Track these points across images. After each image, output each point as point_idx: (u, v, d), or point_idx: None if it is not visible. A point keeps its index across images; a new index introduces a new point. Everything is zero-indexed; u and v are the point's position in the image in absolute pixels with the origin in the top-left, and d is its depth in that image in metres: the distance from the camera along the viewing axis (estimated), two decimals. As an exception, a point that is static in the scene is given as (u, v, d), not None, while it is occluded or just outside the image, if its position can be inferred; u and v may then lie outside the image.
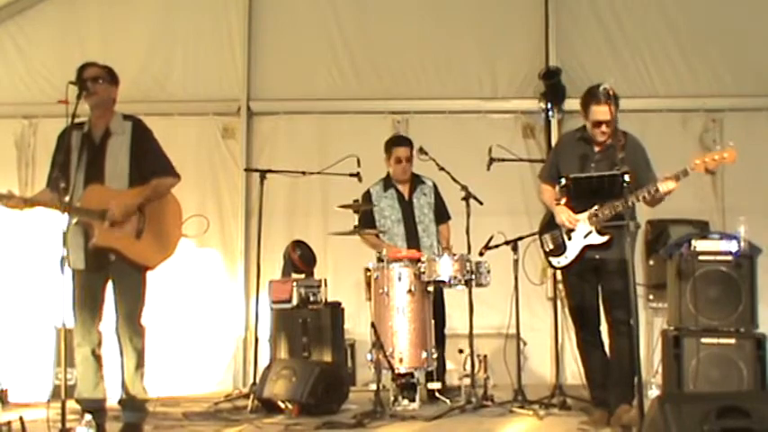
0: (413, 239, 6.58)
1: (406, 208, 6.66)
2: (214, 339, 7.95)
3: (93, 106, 5.00)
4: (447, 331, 6.62)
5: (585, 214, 5.19)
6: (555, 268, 5.45)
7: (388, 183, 6.75)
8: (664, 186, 4.93)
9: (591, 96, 5.18)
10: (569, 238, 5.25)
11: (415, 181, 6.71)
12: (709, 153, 4.99)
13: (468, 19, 8.22)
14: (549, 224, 5.40)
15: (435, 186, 6.71)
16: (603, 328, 5.36)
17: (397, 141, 6.86)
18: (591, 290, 5.31)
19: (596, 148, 5.28)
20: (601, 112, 5.09)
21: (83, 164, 4.90)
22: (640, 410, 4.33)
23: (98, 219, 4.83)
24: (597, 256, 5.19)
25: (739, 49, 7.97)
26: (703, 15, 8.02)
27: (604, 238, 5.11)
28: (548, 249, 5.41)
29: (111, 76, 5.08)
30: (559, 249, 5.31)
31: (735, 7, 7.98)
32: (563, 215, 5.24)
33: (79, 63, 5.09)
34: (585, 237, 5.19)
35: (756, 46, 7.94)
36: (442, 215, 6.75)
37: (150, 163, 5.03)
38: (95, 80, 4.96)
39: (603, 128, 5.15)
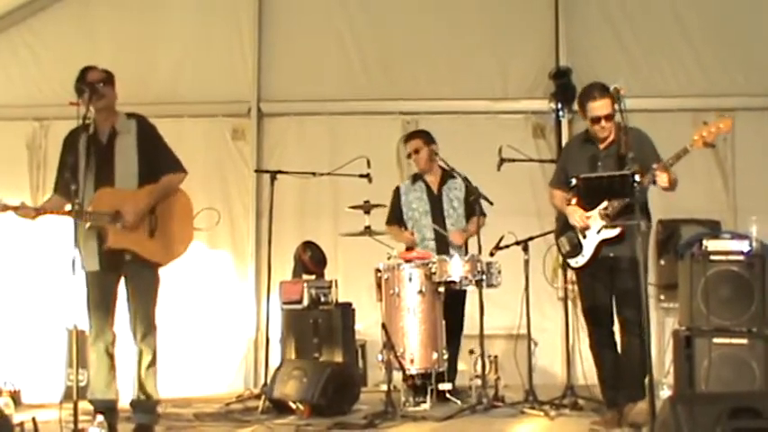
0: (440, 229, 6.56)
1: (435, 201, 6.64)
2: (225, 340, 7.96)
3: (102, 109, 5.02)
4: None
5: (596, 210, 5.19)
6: (574, 269, 5.44)
7: (416, 177, 6.78)
8: (660, 181, 4.93)
9: (585, 95, 5.23)
10: (584, 237, 5.25)
11: (445, 176, 6.66)
12: (706, 126, 4.95)
13: (478, 19, 8.22)
14: (564, 227, 5.39)
15: (467, 181, 6.49)
16: (617, 328, 5.34)
17: (406, 137, 6.98)
18: (604, 290, 5.30)
19: (602, 146, 5.28)
20: (596, 107, 5.13)
21: (92, 166, 4.93)
22: (652, 411, 4.32)
23: (110, 221, 4.86)
24: (611, 254, 5.18)
25: (751, 48, 7.93)
26: (714, 13, 7.98)
27: (617, 231, 5.10)
28: (565, 252, 5.40)
29: (111, 78, 5.10)
30: (576, 250, 5.30)
31: (746, 5, 7.95)
32: (576, 215, 5.24)
33: (91, 65, 5.11)
34: (599, 232, 5.18)
35: (768, 45, 7.92)
36: (472, 209, 6.47)
37: (159, 160, 5.07)
38: (103, 83, 5.00)
39: (603, 123, 5.15)
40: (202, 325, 7.89)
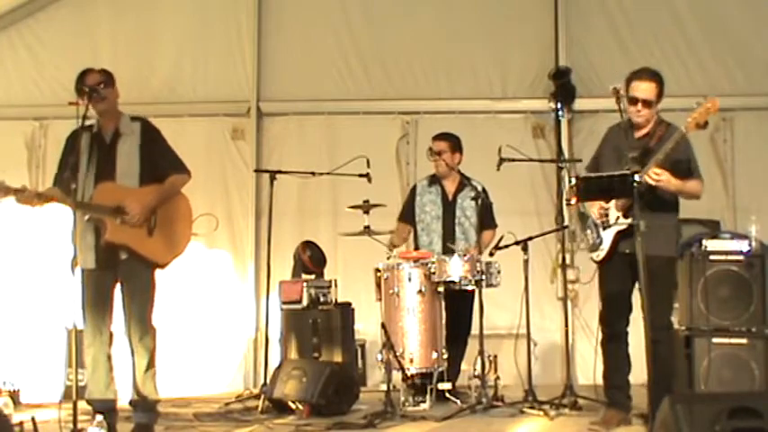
0: (449, 239, 6.50)
1: (448, 206, 6.58)
2: (224, 340, 7.96)
3: (103, 111, 5.03)
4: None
5: (613, 201, 5.12)
6: (597, 263, 5.31)
7: (434, 179, 6.68)
8: (651, 178, 4.88)
9: (634, 73, 5.14)
10: (604, 230, 5.19)
11: (463, 182, 6.56)
12: (696, 108, 4.92)
13: (478, 19, 8.21)
14: (587, 221, 5.30)
15: (485, 191, 6.49)
16: (630, 329, 5.26)
17: (436, 136, 6.68)
18: (621, 288, 5.19)
19: (636, 135, 5.16)
20: (639, 88, 5.06)
21: (93, 163, 4.93)
22: (651, 411, 4.32)
23: (110, 215, 4.85)
24: (627, 251, 5.04)
25: (750, 48, 7.93)
26: (714, 14, 7.98)
27: (629, 221, 4.99)
28: (587, 246, 5.30)
29: (111, 79, 5.09)
30: (597, 243, 5.24)
31: (746, 5, 7.95)
32: (593, 208, 5.20)
33: (90, 65, 5.11)
34: (615, 223, 5.12)
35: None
36: (485, 221, 6.46)
37: (164, 162, 5.07)
38: (103, 85, 4.98)
39: (639, 106, 5.07)
40: (202, 325, 7.89)
